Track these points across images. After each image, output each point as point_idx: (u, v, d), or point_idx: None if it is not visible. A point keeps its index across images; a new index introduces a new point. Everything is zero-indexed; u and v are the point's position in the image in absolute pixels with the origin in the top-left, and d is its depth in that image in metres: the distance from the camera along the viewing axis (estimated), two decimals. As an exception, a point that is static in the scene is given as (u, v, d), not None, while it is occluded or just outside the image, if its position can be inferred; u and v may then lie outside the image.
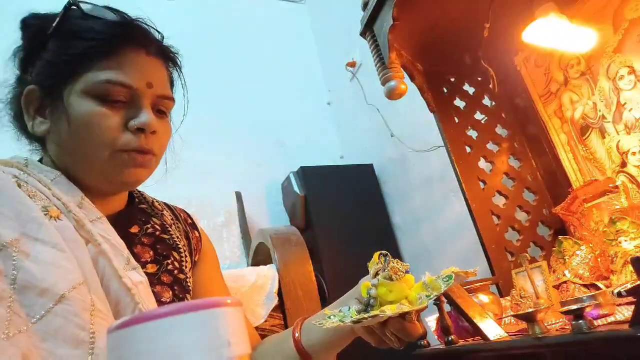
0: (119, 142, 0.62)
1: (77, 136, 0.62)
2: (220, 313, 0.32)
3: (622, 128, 1.09)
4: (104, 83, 0.62)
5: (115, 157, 0.62)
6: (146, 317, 0.31)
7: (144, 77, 0.64)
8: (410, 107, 1.71)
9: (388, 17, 1.03)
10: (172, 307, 0.31)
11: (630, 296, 0.61)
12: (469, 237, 1.37)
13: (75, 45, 0.63)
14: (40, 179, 0.62)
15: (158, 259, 0.71)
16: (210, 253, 0.86)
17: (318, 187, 2.21)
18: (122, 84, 0.62)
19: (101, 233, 0.62)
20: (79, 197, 0.63)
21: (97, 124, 0.61)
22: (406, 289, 0.57)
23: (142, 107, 0.64)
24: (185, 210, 0.87)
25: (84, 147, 0.63)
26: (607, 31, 1.10)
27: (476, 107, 1.37)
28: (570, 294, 0.91)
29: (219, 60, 2.62)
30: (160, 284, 0.68)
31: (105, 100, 0.62)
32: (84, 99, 0.62)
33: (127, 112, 0.63)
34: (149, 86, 0.65)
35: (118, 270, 0.59)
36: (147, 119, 0.63)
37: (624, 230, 0.89)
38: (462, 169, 1.26)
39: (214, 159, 2.38)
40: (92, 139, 0.62)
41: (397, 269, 0.58)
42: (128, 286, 0.58)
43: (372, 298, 0.57)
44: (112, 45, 0.63)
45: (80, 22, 0.65)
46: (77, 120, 0.62)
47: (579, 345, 0.65)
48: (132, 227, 0.72)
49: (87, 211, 0.63)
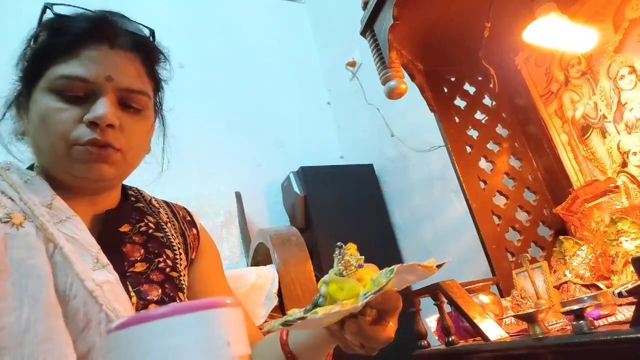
0: (72, 136, 0.61)
1: (39, 132, 0.63)
2: (220, 313, 0.32)
3: (622, 128, 1.09)
4: (60, 78, 0.62)
5: (71, 152, 0.62)
6: (146, 317, 0.31)
7: (103, 69, 0.63)
8: (410, 107, 1.71)
9: (388, 16, 1.03)
10: (171, 308, 0.31)
11: (631, 296, 0.61)
12: (469, 237, 1.37)
13: (42, 43, 0.65)
14: (13, 182, 0.63)
15: (149, 257, 0.70)
16: (209, 250, 0.85)
17: (318, 187, 2.21)
18: (78, 78, 0.62)
19: (68, 233, 0.61)
20: (49, 197, 0.63)
21: (52, 118, 0.61)
22: (358, 287, 0.50)
23: (99, 100, 0.63)
24: (185, 208, 0.86)
25: (46, 143, 0.63)
26: (607, 31, 1.10)
27: (477, 106, 1.37)
28: (571, 295, 0.91)
29: (219, 60, 2.62)
30: (148, 282, 0.67)
31: (63, 95, 0.62)
32: (45, 95, 0.62)
33: (84, 106, 0.63)
34: (109, 79, 0.63)
35: (79, 273, 0.58)
36: (102, 111, 0.61)
37: (625, 230, 0.89)
38: (462, 168, 1.26)
39: (214, 159, 2.38)
40: (49, 133, 0.62)
41: (350, 264, 0.52)
42: (90, 289, 0.57)
43: (322, 296, 0.52)
44: (74, 41, 0.63)
45: (50, 23, 0.66)
46: (37, 117, 0.62)
47: (580, 346, 0.65)
48: (123, 226, 0.71)
49: (57, 211, 0.62)
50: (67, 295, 0.57)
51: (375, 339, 0.51)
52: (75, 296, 0.57)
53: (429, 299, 0.99)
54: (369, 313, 0.50)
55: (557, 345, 0.70)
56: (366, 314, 0.50)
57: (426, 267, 0.50)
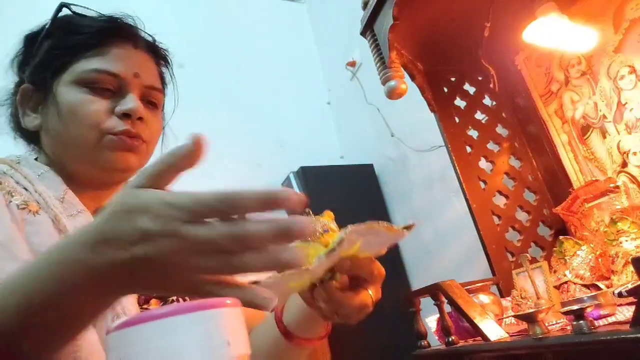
0: (105, 125, 0.64)
1: (65, 123, 0.64)
2: (220, 313, 0.32)
3: (623, 128, 1.09)
4: (91, 72, 0.64)
5: (103, 140, 0.64)
6: (145, 317, 0.31)
7: (131, 67, 0.67)
8: (410, 107, 1.70)
9: (388, 16, 1.03)
10: (171, 308, 0.31)
11: (631, 296, 0.61)
12: (469, 237, 1.37)
13: (65, 40, 0.66)
14: (27, 174, 0.64)
15: None
16: None
17: (318, 187, 2.21)
18: (109, 73, 0.65)
19: (79, 227, 0.61)
20: (61, 191, 0.64)
21: (84, 109, 0.63)
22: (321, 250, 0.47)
23: (128, 94, 0.66)
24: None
25: (73, 132, 0.64)
26: (607, 31, 1.10)
27: (477, 106, 1.37)
28: (571, 295, 0.91)
29: (219, 60, 2.61)
30: None
31: (93, 88, 0.64)
32: (72, 88, 0.64)
33: (114, 99, 0.66)
34: (136, 76, 0.67)
35: None
36: (133, 105, 0.65)
37: (625, 230, 0.89)
38: (462, 168, 1.26)
39: (213, 159, 2.37)
40: (80, 123, 0.63)
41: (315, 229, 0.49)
42: None
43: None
44: (101, 38, 0.66)
45: (70, 19, 0.69)
46: (65, 108, 0.64)
47: (580, 346, 0.65)
48: None
49: (69, 205, 0.64)
50: None
51: (347, 306, 0.51)
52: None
53: (429, 299, 0.99)
54: (338, 278, 0.50)
55: (557, 345, 0.70)
56: (335, 279, 0.49)
57: (390, 229, 0.47)
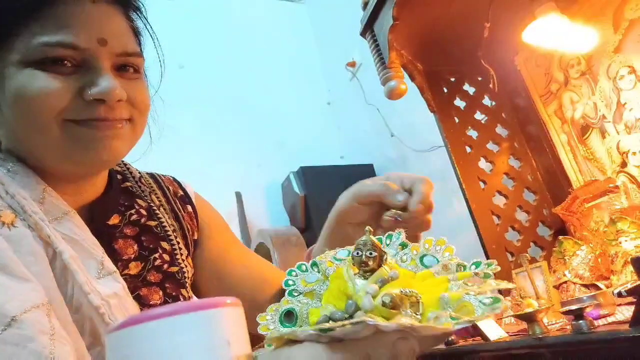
0: (68, 114, 0.50)
1: (20, 114, 0.51)
2: (220, 313, 0.32)
3: (622, 128, 1.09)
4: (40, 47, 0.49)
5: (72, 132, 0.51)
6: (145, 317, 0.31)
7: (92, 31, 0.51)
8: (410, 107, 1.71)
9: (388, 16, 1.03)
10: (171, 308, 0.31)
11: (631, 296, 0.61)
12: (469, 237, 1.37)
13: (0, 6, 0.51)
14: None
15: (143, 254, 0.62)
16: (214, 221, 0.76)
17: (318, 187, 2.21)
18: (64, 44, 0.49)
19: (68, 234, 0.52)
20: (39, 190, 0.53)
21: (38, 93, 0.49)
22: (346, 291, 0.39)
23: (98, 71, 0.51)
24: (175, 180, 0.75)
25: (31, 125, 0.51)
26: (607, 31, 1.10)
27: (476, 107, 1.37)
28: (570, 294, 0.91)
29: (219, 60, 2.62)
30: (147, 286, 0.60)
31: (47, 66, 0.50)
32: (22, 69, 0.50)
33: (79, 77, 0.51)
34: (102, 42, 0.51)
35: (82, 285, 0.49)
36: (108, 86, 0.50)
37: (624, 230, 0.89)
38: (462, 169, 1.26)
39: (214, 159, 2.38)
40: (36, 114, 0.50)
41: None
42: (95, 305, 0.49)
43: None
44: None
45: None
46: (17, 95, 0.50)
47: (579, 346, 0.65)
48: (112, 218, 0.62)
49: (51, 206, 0.52)
50: (71, 306, 0.49)
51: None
52: (78, 309, 0.49)
53: (429, 299, 0.99)
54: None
55: (557, 345, 0.70)
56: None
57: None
